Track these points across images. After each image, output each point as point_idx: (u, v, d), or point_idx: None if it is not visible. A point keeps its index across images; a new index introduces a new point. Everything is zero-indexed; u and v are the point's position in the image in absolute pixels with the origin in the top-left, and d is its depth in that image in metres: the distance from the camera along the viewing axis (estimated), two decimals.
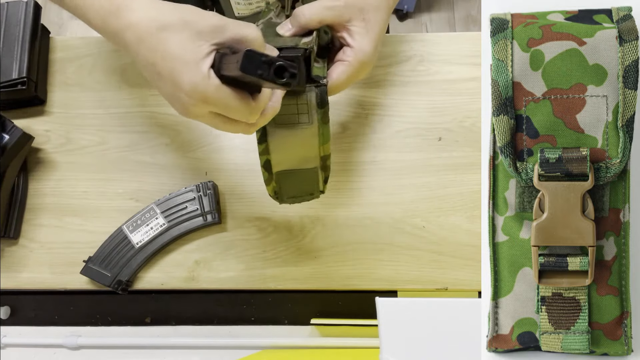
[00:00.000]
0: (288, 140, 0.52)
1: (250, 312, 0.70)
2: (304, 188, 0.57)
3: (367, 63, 0.52)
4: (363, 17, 0.51)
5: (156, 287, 0.67)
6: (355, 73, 0.52)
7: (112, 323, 0.71)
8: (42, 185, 0.69)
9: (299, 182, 0.56)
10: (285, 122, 0.51)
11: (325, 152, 0.54)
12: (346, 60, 0.51)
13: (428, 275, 0.66)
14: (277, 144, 0.52)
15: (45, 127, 0.71)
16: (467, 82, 0.71)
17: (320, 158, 0.54)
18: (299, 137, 0.52)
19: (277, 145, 0.52)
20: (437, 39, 0.73)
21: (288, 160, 0.54)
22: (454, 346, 0.54)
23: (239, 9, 0.63)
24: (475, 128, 0.69)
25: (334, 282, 0.66)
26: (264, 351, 0.68)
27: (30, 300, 0.71)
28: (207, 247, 0.67)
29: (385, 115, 0.70)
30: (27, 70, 0.67)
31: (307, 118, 0.51)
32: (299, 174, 0.55)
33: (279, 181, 0.56)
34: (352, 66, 0.51)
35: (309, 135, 0.52)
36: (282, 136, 0.51)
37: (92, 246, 0.66)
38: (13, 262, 0.67)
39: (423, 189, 0.68)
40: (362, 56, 0.51)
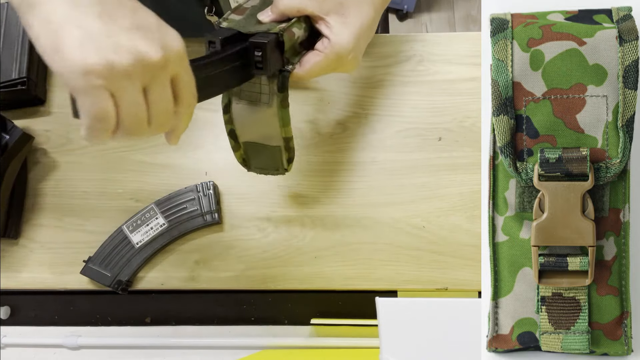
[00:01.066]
0: (249, 115, 0.54)
1: (250, 312, 0.70)
2: (269, 163, 0.60)
3: (343, 56, 0.53)
4: (343, 11, 0.52)
5: (156, 287, 0.67)
6: (329, 64, 0.53)
7: (112, 323, 0.71)
8: (42, 185, 0.69)
9: (264, 157, 0.59)
10: (248, 98, 0.53)
11: (287, 134, 0.55)
12: (322, 51, 0.52)
13: (428, 275, 0.66)
14: (239, 116, 0.55)
15: (45, 127, 0.71)
16: (467, 82, 0.71)
17: (283, 139, 0.56)
18: (260, 114, 0.54)
19: (239, 117, 0.55)
20: (437, 39, 0.73)
21: (251, 134, 0.57)
22: (454, 346, 0.54)
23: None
24: (475, 128, 0.69)
25: (334, 282, 0.66)
26: (264, 351, 0.68)
27: (30, 300, 0.71)
28: (207, 247, 0.67)
29: (385, 115, 0.70)
30: (27, 70, 0.67)
31: (267, 99, 0.52)
32: (263, 148, 0.57)
33: (246, 150, 0.59)
34: (326, 57, 0.52)
35: (269, 115, 0.53)
36: (244, 110, 0.54)
37: (92, 246, 0.66)
38: (13, 262, 0.67)
39: (423, 189, 0.68)
40: (338, 48, 0.52)
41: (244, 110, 0.54)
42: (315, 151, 0.69)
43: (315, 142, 0.70)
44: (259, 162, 0.60)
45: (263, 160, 0.60)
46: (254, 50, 0.48)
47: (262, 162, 0.60)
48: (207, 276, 0.67)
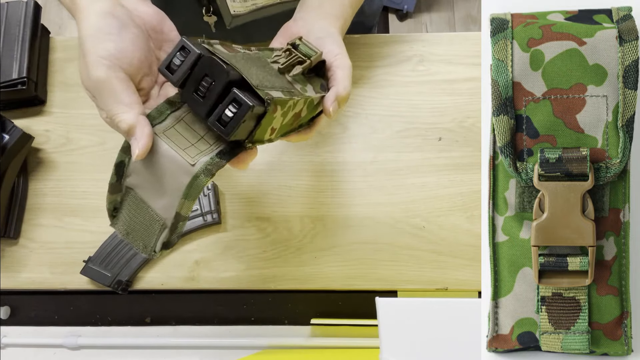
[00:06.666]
0: (161, 155, 0.42)
1: (250, 312, 0.70)
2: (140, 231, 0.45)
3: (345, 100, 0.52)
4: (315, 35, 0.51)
5: (156, 287, 0.67)
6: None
7: (112, 323, 0.71)
8: (42, 185, 0.69)
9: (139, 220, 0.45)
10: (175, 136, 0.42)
11: (184, 212, 0.43)
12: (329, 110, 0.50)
13: (428, 275, 0.66)
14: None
15: (45, 127, 0.71)
16: (467, 82, 0.71)
17: (175, 214, 0.42)
18: (173, 164, 0.42)
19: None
20: (437, 39, 0.73)
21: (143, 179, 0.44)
22: (454, 346, 0.54)
23: (235, 7, 0.63)
24: (475, 128, 0.69)
25: (334, 282, 0.66)
26: (264, 351, 0.68)
27: (30, 300, 0.71)
28: (207, 247, 0.67)
29: (385, 115, 0.70)
30: (27, 70, 0.67)
31: (194, 153, 0.42)
32: (143, 209, 0.44)
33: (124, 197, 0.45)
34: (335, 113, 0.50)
35: (182, 173, 0.42)
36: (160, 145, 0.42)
37: (92, 246, 0.66)
38: (13, 262, 0.67)
39: (423, 189, 0.68)
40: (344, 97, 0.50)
41: (159, 147, 0.42)
42: (315, 151, 0.69)
43: (315, 142, 0.70)
44: (131, 222, 0.45)
45: (136, 223, 0.44)
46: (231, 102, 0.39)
47: (134, 224, 0.44)
48: (207, 276, 0.67)
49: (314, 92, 0.48)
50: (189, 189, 0.41)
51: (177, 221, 0.42)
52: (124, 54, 0.42)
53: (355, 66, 0.55)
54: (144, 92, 0.45)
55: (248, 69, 0.41)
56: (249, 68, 0.41)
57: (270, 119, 0.42)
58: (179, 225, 0.43)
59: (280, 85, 0.44)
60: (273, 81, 0.43)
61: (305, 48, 0.49)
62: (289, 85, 0.45)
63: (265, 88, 0.41)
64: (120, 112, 0.41)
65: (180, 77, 0.40)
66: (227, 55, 0.41)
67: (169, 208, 0.42)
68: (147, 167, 0.42)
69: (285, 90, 0.44)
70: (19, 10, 0.69)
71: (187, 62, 0.40)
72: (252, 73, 0.41)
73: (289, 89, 0.45)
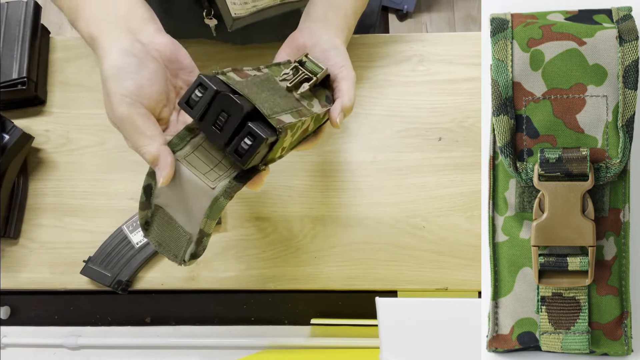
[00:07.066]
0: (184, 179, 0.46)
1: (250, 312, 0.70)
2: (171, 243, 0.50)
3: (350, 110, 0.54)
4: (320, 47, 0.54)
5: (156, 287, 0.67)
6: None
7: (112, 323, 0.71)
8: (42, 185, 0.69)
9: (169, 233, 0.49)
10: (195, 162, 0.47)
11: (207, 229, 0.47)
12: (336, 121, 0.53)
13: (428, 275, 0.66)
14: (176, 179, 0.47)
15: (45, 127, 0.71)
16: (467, 82, 0.71)
17: (200, 230, 0.47)
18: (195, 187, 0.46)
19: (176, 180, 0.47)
20: (437, 39, 0.73)
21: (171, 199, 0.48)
22: (454, 346, 0.54)
23: (235, 9, 0.63)
24: (475, 128, 0.69)
25: (334, 282, 0.66)
26: (264, 351, 0.68)
27: (30, 300, 0.71)
28: (207, 247, 0.67)
29: (385, 115, 0.70)
30: (27, 70, 0.67)
31: (214, 177, 0.46)
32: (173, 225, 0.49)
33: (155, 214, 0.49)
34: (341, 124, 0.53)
35: (203, 194, 0.46)
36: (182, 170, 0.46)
37: (92, 246, 0.66)
38: (13, 262, 0.67)
39: (423, 189, 0.68)
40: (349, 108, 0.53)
41: (182, 171, 0.46)
42: (315, 151, 0.69)
43: None
44: (161, 235, 0.49)
45: (166, 237, 0.49)
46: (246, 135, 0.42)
47: (164, 237, 0.49)
48: (207, 276, 0.67)
49: (320, 107, 0.52)
50: (211, 209, 0.46)
51: (202, 236, 0.47)
52: (143, 90, 0.46)
53: (355, 66, 0.55)
54: (164, 120, 0.49)
55: (259, 96, 0.45)
56: (260, 94, 0.45)
57: (281, 142, 0.46)
58: (203, 240, 0.48)
59: (289, 106, 0.48)
60: (283, 104, 0.47)
61: (311, 65, 0.52)
62: (297, 104, 0.49)
63: (276, 114, 0.44)
64: (144, 145, 0.45)
65: (199, 112, 0.43)
66: (239, 84, 0.45)
67: (194, 225, 0.47)
68: (173, 189, 0.47)
69: (294, 111, 0.47)
70: (19, 10, 0.69)
71: (205, 98, 0.43)
72: (264, 99, 0.45)
73: (297, 107, 0.49)
